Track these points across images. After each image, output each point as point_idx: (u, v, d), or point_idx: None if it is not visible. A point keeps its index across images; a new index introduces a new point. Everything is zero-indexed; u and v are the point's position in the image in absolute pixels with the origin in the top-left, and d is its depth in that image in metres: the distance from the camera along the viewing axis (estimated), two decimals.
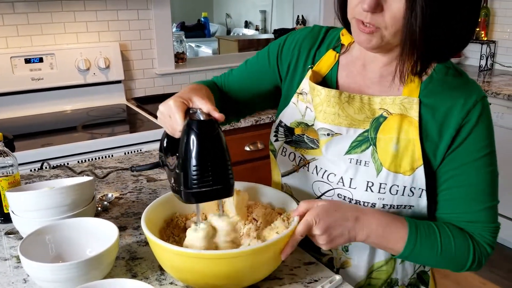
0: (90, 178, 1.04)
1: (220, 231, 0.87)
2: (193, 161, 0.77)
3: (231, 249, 0.86)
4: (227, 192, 0.80)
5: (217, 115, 0.83)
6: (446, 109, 0.91)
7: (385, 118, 0.93)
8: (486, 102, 0.92)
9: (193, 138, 0.78)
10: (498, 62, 3.33)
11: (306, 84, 1.02)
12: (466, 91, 0.91)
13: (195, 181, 0.77)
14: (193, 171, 0.77)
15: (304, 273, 0.92)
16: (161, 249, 0.81)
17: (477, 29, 3.31)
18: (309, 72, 1.02)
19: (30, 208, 0.95)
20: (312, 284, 0.89)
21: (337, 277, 0.90)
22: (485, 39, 3.31)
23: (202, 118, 0.81)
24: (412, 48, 0.83)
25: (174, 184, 0.83)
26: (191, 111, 0.85)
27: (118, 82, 2.42)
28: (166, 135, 0.90)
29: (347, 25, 0.94)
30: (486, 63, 3.29)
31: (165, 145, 0.90)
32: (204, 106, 0.85)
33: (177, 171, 0.80)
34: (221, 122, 0.84)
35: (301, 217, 0.88)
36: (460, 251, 0.92)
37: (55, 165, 1.46)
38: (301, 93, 1.03)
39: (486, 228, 0.93)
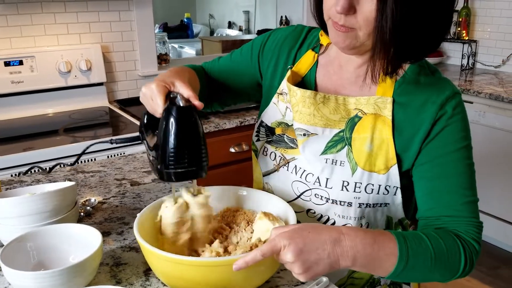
0: (73, 183, 1.02)
1: (192, 205, 0.90)
2: (171, 144, 0.83)
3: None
4: (200, 173, 0.86)
5: (196, 102, 0.86)
6: (419, 105, 0.91)
7: (360, 118, 0.94)
8: (459, 98, 0.92)
9: (171, 123, 0.83)
10: (479, 61, 3.37)
11: (285, 84, 1.02)
12: (439, 88, 0.92)
13: (171, 162, 0.83)
14: (170, 153, 0.83)
15: (291, 275, 0.90)
16: (152, 255, 0.80)
17: (459, 29, 3.34)
18: (288, 73, 1.03)
19: (10, 215, 0.92)
20: (299, 286, 0.88)
21: (324, 278, 0.89)
22: (467, 38, 3.35)
23: (181, 104, 0.85)
24: (383, 48, 0.83)
25: (153, 162, 0.89)
26: (171, 95, 0.88)
27: (100, 84, 2.39)
28: (146, 112, 0.94)
29: (323, 26, 0.95)
30: (468, 62, 3.33)
31: (145, 121, 0.95)
32: (184, 92, 0.87)
33: (157, 151, 0.86)
34: (200, 109, 0.87)
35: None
36: (452, 253, 0.85)
37: (44, 168, 1.43)
38: (281, 93, 1.04)
39: (470, 223, 0.89)
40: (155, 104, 0.87)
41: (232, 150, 2.22)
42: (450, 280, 0.87)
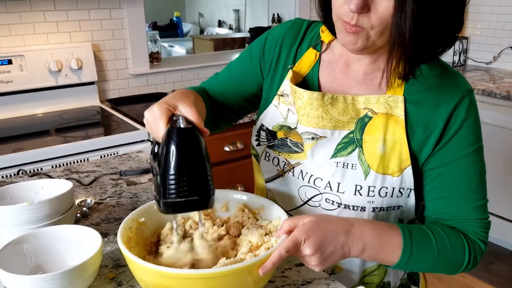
0: (70, 184, 0.99)
1: (197, 250, 0.83)
2: (170, 170, 0.74)
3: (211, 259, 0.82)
4: (204, 204, 0.76)
5: (202, 127, 0.79)
6: (433, 105, 0.88)
7: (370, 118, 0.90)
8: (472, 96, 0.90)
9: (171, 146, 0.75)
10: (470, 57, 3.38)
11: (287, 85, 0.98)
12: (452, 86, 0.89)
13: (171, 191, 0.74)
14: (170, 180, 0.74)
15: (296, 275, 0.89)
16: (134, 266, 0.76)
17: None
18: (290, 73, 0.98)
19: (8, 222, 0.90)
20: (305, 286, 0.86)
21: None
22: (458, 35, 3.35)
23: (182, 126, 0.77)
24: (401, 50, 0.79)
25: (154, 193, 0.80)
26: (174, 118, 0.81)
27: (91, 83, 2.35)
28: (155, 141, 0.86)
29: (329, 25, 0.91)
30: (459, 59, 3.34)
31: (155, 150, 0.86)
32: (189, 115, 0.80)
33: (157, 179, 0.77)
34: (206, 135, 0.80)
35: (288, 234, 0.80)
36: (456, 251, 0.88)
37: (31, 170, 1.40)
38: (282, 95, 0.99)
39: (478, 224, 0.91)
40: (156, 128, 0.80)
41: (227, 148, 2.20)
42: (451, 274, 0.92)
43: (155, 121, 0.80)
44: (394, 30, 0.77)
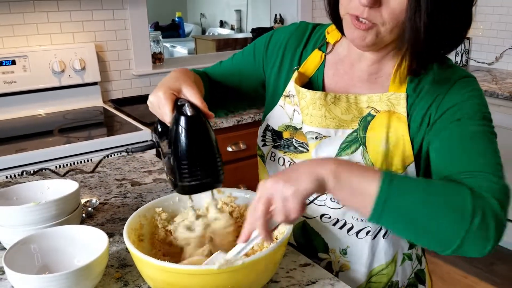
0: (76, 185, 0.99)
1: (212, 221, 0.88)
2: (183, 157, 0.79)
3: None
4: (216, 183, 0.83)
5: (206, 111, 0.83)
6: (431, 98, 0.88)
7: (373, 116, 0.90)
8: (467, 80, 0.88)
9: (180, 133, 0.80)
10: (472, 58, 3.38)
11: (292, 86, 0.98)
12: (447, 76, 0.88)
13: (185, 175, 0.80)
14: (183, 166, 0.79)
15: (301, 275, 0.89)
16: (142, 262, 0.77)
17: None
18: (295, 74, 0.99)
19: (15, 223, 0.91)
20: (309, 286, 0.86)
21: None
22: None
23: (189, 113, 0.81)
24: (414, 46, 0.80)
25: (168, 174, 0.86)
26: (179, 103, 0.84)
27: (94, 84, 2.35)
28: (159, 120, 0.91)
29: (337, 21, 0.91)
30: (461, 60, 3.34)
31: (159, 129, 0.91)
32: (193, 99, 0.84)
33: (171, 163, 0.82)
34: (211, 119, 0.83)
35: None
36: (453, 192, 0.72)
37: (35, 170, 1.40)
38: (288, 96, 1.00)
39: (488, 178, 0.75)
40: (163, 113, 0.84)
41: (230, 149, 2.20)
42: (457, 231, 0.70)
43: (160, 106, 0.84)
44: (408, 26, 0.78)
